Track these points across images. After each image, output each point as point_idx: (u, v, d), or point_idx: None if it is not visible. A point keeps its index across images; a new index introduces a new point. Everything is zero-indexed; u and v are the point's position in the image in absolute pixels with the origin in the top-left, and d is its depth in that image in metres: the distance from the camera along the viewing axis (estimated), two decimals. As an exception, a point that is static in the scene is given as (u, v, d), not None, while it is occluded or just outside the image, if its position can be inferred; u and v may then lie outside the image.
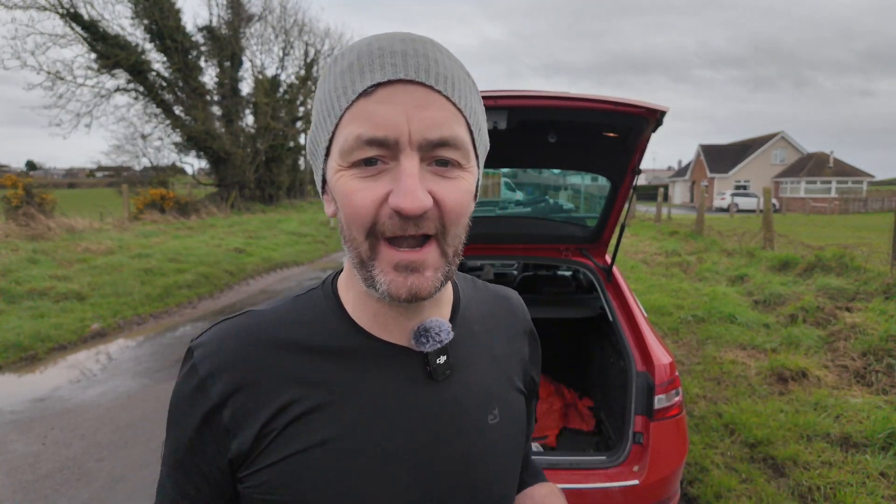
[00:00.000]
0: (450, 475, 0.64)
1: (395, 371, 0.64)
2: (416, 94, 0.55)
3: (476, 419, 0.67)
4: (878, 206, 33.11)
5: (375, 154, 0.55)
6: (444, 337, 0.64)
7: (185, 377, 0.63)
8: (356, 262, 0.59)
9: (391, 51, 0.56)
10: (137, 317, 6.69)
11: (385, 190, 0.55)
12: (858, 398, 3.90)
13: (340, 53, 0.60)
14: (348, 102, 0.56)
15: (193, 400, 0.62)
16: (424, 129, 0.55)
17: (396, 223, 0.55)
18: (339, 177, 0.57)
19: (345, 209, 0.57)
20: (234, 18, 23.58)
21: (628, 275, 9.10)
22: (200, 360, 0.62)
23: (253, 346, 0.63)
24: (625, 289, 2.70)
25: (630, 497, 2.04)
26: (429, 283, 0.57)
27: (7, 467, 3.22)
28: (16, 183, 12.95)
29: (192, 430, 0.62)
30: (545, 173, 3.89)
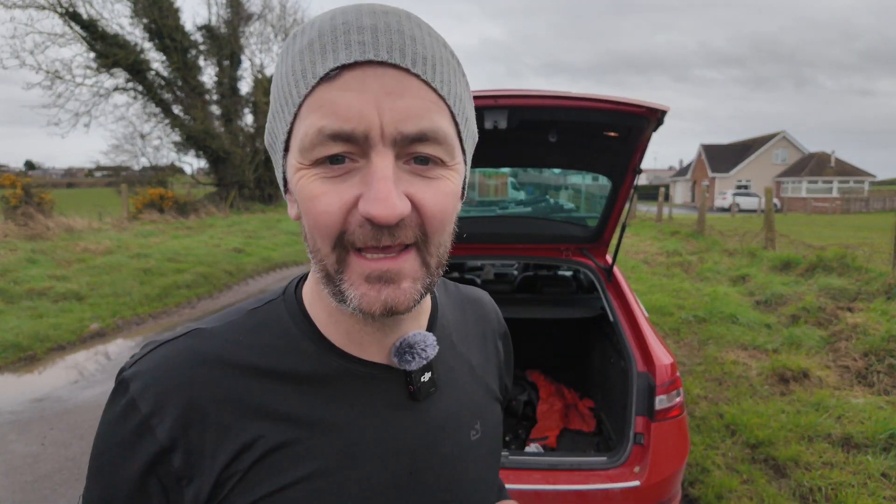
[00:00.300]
0: (435, 501, 0.59)
1: (375, 394, 0.56)
2: (389, 78, 0.46)
3: (459, 438, 0.62)
4: (880, 205, 33.12)
5: (341, 151, 0.46)
6: (430, 352, 0.57)
7: (119, 415, 0.51)
8: (322, 276, 0.51)
9: (358, 26, 0.46)
10: (136, 317, 6.69)
11: (354, 193, 0.47)
12: (860, 399, 3.88)
13: (300, 29, 0.50)
14: (308, 89, 0.46)
15: (134, 444, 0.50)
16: (399, 121, 0.46)
17: (368, 232, 0.47)
18: (299, 177, 0.48)
19: (307, 216, 0.49)
20: (234, 17, 23.57)
21: (629, 275, 9.10)
22: (140, 393, 0.51)
23: (205, 373, 0.52)
24: (626, 289, 2.69)
25: (631, 498, 2.03)
26: (406, 295, 0.49)
27: (6, 467, 3.21)
28: (14, 183, 12.94)
29: (133, 482, 0.50)
30: (546, 173, 3.87)
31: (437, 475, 0.59)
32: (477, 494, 0.63)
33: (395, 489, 0.56)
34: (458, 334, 0.68)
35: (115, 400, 0.53)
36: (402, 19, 0.48)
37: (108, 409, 0.54)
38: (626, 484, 2.03)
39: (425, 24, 0.51)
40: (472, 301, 0.75)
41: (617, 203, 2.72)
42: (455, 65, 0.52)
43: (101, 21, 18.98)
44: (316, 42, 0.47)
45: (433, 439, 0.59)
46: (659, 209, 21.77)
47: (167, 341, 0.55)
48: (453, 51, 0.53)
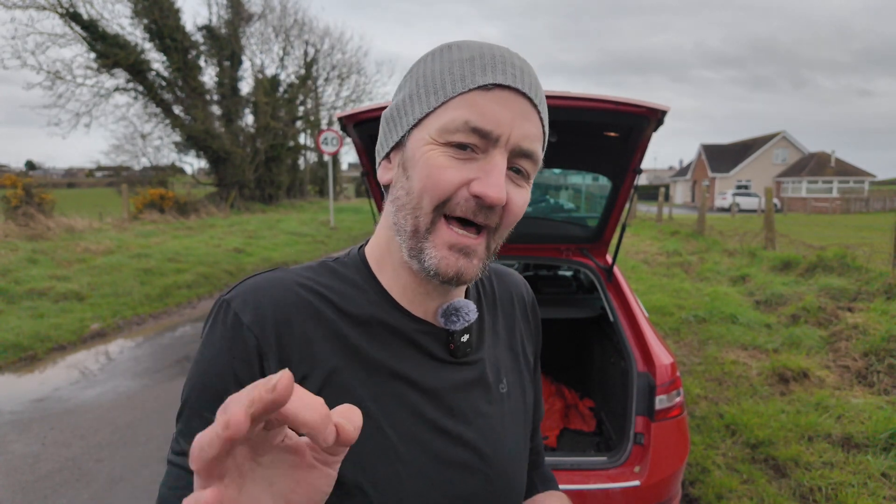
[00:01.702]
0: (471, 442, 0.67)
1: (421, 346, 0.66)
2: (524, 106, 0.60)
3: (490, 389, 0.71)
4: (880, 205, 33.10)
5: (472, 142, 0.59)
6: (472, 317, 0.68)
7: (226, 328, 0.60)
8: (408, 231, 0.62)
9: (511, 62, 0.61)
10: (137, 317, 6.69)
11: (469, 175, 0.59)
12: (860, 399, 3.88)
13: (456, 45, 0.64)
14: (465, 89, 0.59)
15: (243, 351, 0.59)
16: (521, 138, 0.60)
17: (472, 207, 0.59)
18: (428, 149, 0.60)
19: (426, 179, 0.60)
20: (234, 18, 23.57)
21: (629, 275, 9.10)
22: (241, 309, 0.60)
23: (292, 295, 0.62)
24: (626, 289, 2.69)
25: (631, 498, 2.03)
26: (474, 269, 0.62)
27: (6, 468, 3.21)
28: (15, 183, 12.94)
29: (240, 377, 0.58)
30: (546, 173, 3.87)
31: (473, 416, 0.68)
32: (508, 441, 0.71)
33: (438, 424, 0.65)
34: (488, 302, 0.78)
35: (217, 317, 0.62)
36: (532, 69, 0.64)
37: (213, 325, 0.62)
38: (626, 484, 2.03)
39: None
40: (502, 274, 0.85)
41: (617, 203, 2.72)
42: (547, 112, 0.67)
43: (102, 21, 18.98)
44: (477, 59, 0.61)
45: (468, 388, 0.69)
46: (659, 209, 21.77)
47: (257, 274, 0.65)
48: None
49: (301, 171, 30.70)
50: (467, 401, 0.68)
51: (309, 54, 28.50)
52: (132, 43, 19.82)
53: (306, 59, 28.41)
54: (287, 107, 27.13)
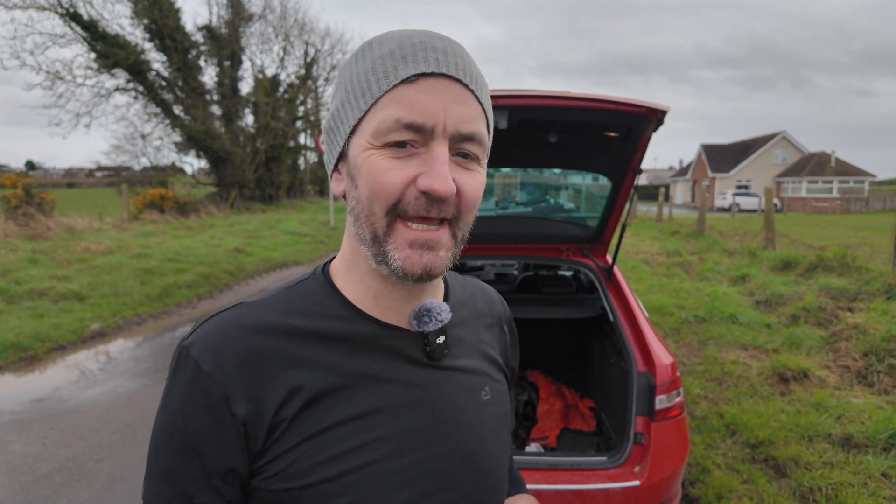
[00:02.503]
0: (454, 450, 0.66)
1: (397, 352, 0.65)
2: (454, 89, 0.59)
3: (472, 395, 0.70)
4: (881, 205, 33.09)
5: (409, 138, 0.58)
6: (445, 317, 0.68)
7: (188, 378, 0.59)
8: (369, 239, 0.61)
9: (432, 46, 0.59)
10: (137, 317, 6.69)
11: (414, 172, 0.58)
12: (860, 399, 3.88)
13: (376, 40, 0.62)
14: (389, 86, 0.58)
15: (204, 398, 0.58)
16: (458, 122, 0.58)
17: (422, 204, 0.58)
18: (368, 154, 0.59)
19: (371, 185, 0.59)
20: (234, 18, 23.57)
21: (629, 275, 9.10)
22: (201, 356, 0.59)
23: (255, 335, 0.61)
24: (626, 289, 2.69)
25: (631, 498, 2.03)
26: (442, 261, 0.60)
27: (6, 467, 3.21)
28: (15, 183, 12.94)
29: (211, 429, 0.58)
30: (546, 173, 3.87)
31: (457, 424, 0.67)
32: (490, 448, 0.71)
33: (423, 432, 0.64)
34: (468, 312, 0.77)
35: (179, 366, 0.61)
36: (460, 48, 0.62)
37: (175, 375, 0.61)
38: (626, 484, 2.03)
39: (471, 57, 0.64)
40: (481, 289, 0.85)
41: (617, 203, 2.72)
42: (488, 88, 0.65)
43: (102, 21, 18.98)
44: (397, 51, 0.59)
45: (450, 393, 0.68)
46: (659, 209, 21.77)
47: (216, 314, 0.64)
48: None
49: (301, 171, 30.71)
50: (451, 405, 0.67)
51: (309, 54, 28.53)
52: (132, 43, 19.83)
53: (306, 59, 28.43)
54: (287, 107, 27.14)
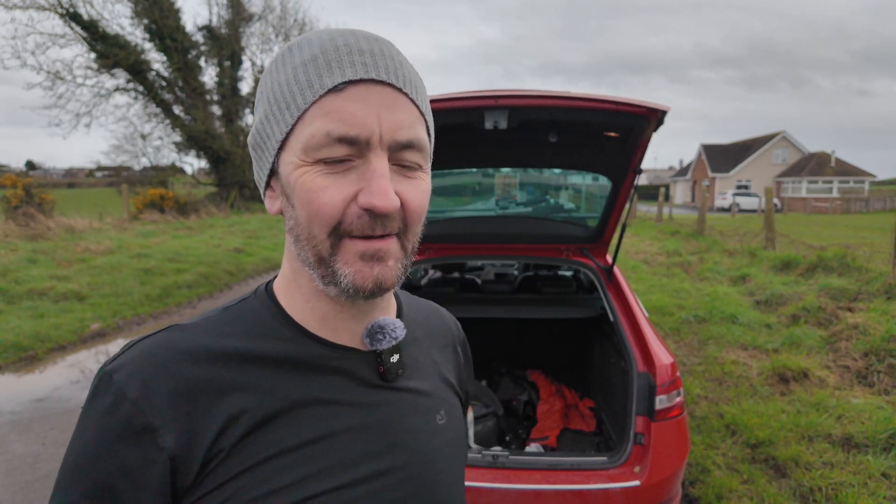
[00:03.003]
0: (409, 479, 0.62)
1: (348, 374, 0.61)
2: (386, 94, 0.55)
3: (428, 419, 0.66)
4: (881, 205, 33.08)
5: (344, 153, 0.53)
6: (399, 334, 0.64)
7: (107, 406, 0.52)
8: (313, 261, 0.57)
9: (359, 49, 0.55)
10: (137, 317, 6.69)
11: (353, 188, 0.54)
12: (860, 399, 3.88)
13: (296, 44, 0.57)
14: (315, 97, 0.53)
15: (125, 430, 0.52)
16: (394, 130, 0.54)
17: (366, 222, 0.54)
18: (301, 173, 0.55)
19: (308, 206, 0.55)
20: (234, 18, 23.58)
21: (629, 275, 9.09)
22: (125, 382, 0.53)
23: (186, 360, 0.55)
24: (626, 289, 2.69)
25: (631, 498, 2.03)
26: (392, 273, 0.57)
27: (7, 468, 3.21)
28: (15, 183, 12.95)
29: (129, 465, 0.51)
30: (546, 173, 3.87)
31: (411, 450, 0.63)
32: (447, 475, 0.67)
33: (374, 459, 0.59)
34: (421, 332, 0.73)
35: (98, 392, 0.54)
36: (389, 47, 0.57)
37: (92, 403, 0.54)
38: (626, 484, 2.03)
39: (402, 53, 0.60)
40: (433, 310, 0.82)
41: (617, 203, 2.72)
42: (423, 85, 0.61)
43: (102, 22, 19.01)
44: (320, 57, 0.54)
45: (404, 416, 0.64)
46: (659, 209, 21.76)
47: (145, 337, 0.58)
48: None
49: (301, 172, 30.63)
50: (404, 429, 0.63)
51: (309, 54, 28.48)
52: (132, 43, 19.85)
53: (306, 59, 28.39)
54: (287, 107, 27.10)
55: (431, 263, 3.35)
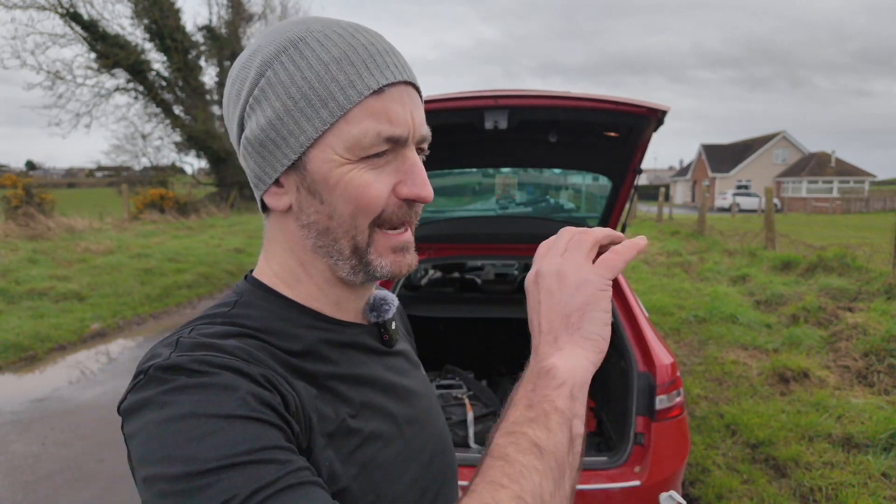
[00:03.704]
0: (426, 426, 0.69)
1: (361, 347, 0.66)
2: (412, 94, 0.60)
3: (417, 376, 0.74)
4: (881, 205, 33.08)
5: (386, 149, 0.57)
6: (395, 302, 0.71)
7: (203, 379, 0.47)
8: (347, 253, 0.59)
9: (382, 49, 0.58)
10: (137, 317, 6.69)
11: (391, 181, 0.58)
12: (860, 399, 3.88)
13: (303, 39, 0.56)
14: (360, 97, 0.55)
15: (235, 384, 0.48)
16: (421, 127, 0.60)
17: (405, 211, 0.60)
18: (346, 170, 0.56)
19: (357, 201, 0.57)
20: (235, 18, 23.58)
21: (629, 275, 9.09)
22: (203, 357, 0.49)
23: (240, 340, 0.54)
24: (626, 289, 2.69)
25: (631, 498, 2.03)
26: (415, 259, 0.64)
27: (7, 467, 3.21)
28: (15, 183, 12.95)
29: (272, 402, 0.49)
30: (546, 173, 3.87)
31: (419, 400, 0.70)
32: (443, 421, 0.76)
33: (402, 414, 0.66)
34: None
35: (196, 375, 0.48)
36: (390, 43, 0.61)
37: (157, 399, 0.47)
38: (626, 484, 2.03)
39: None
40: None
41: (617, 203, 2.72)
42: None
43: (102, 22, 19.02)
44: (353, 56, 0.56)
45: (406, 374, 0.71)
46: (659, 209, 21.76)
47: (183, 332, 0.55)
48: None
49: (301, 171, 30.65)
50: (410, 384, 0.70)
51: (309, 54, 28.50)
52: (132, 43, 19.85)
53: (306, 59, 28.41)
54: (287, 107, 27.11)
55: (431, 263, 3.35)
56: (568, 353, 0.53)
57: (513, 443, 0.47)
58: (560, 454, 0.48)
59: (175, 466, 0.43)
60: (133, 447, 0.47)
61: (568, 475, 0.48)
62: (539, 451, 0.47)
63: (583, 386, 0.52)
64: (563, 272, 0.56)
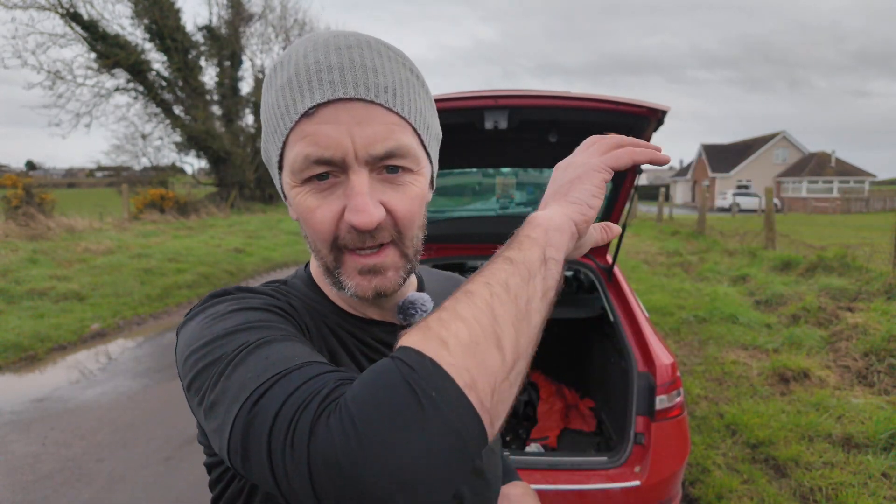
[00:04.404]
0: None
1: (383, 345, 0.68)
2: (357, 110, 0.55)
3: None
4: (881, 205, 33.08)
5: (325, 171, 0.56)
6: (429, 307, 0.69)
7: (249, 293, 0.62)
8: (323, 270, 0.63)
9: (327, 65, 0.55)
10: (137, 317, 6.69)
11: (340, 205, 0.57)
12: (860, 399, 3.88)
13: (279, 63, 0.59)
14: (292, 123, 0.56)
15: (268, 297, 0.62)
16: (368, 145, 0.55)
17: (355, 237, 0.58)
18: (295, 193, 0.58)
19: (307, 225, 0.60)
20: (235, 18, 23.58)
21: (629, 275, 9.09)
22: (249, 287, 0.63)
23: (281, 297, 0.65)
24: (626, 289, 2.69)
25: (631, 498, 2.03)
26: (391, 282, 0.61)
27: (7, 467, 3.21)
28: (15, 183, 12.95)
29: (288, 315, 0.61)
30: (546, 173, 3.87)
31: None
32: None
33: None
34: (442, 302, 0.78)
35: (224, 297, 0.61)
36: (364, 52, 0.56)
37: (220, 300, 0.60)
38: (626, 484, 2.03)
39: (385, 50, 0.59)
40: (451, 279, 0.88)
41: (617, 203, 2.72)
42: (414, 80, 0.60)
43: (102, 22, 19.01)
44: (294, 80, 0.56)
45: None
46: (659, 209, 21.76)
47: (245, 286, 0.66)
48: (413, 65, 0.62)
49: (301, 171, 30.63)
50: None
51: (309, 54, 28.45)
52: (132, 43, 19.85)
53: (306, 59, 28.36)
54: (287, 107, 27.07)
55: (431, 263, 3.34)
56: (550, 210, 0.56)
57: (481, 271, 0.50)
58: (531, 264, 0.49)
59: (200, 341, 0.54)
60: (178, 344, 0.58)
61: (539, 282, 0.49)
62: (510, 262, 0.49)
63: (559, 227, 0.53)
64: (574, 161, 0.61)
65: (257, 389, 0.46)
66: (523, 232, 0.53)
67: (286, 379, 0.46)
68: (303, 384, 0.45)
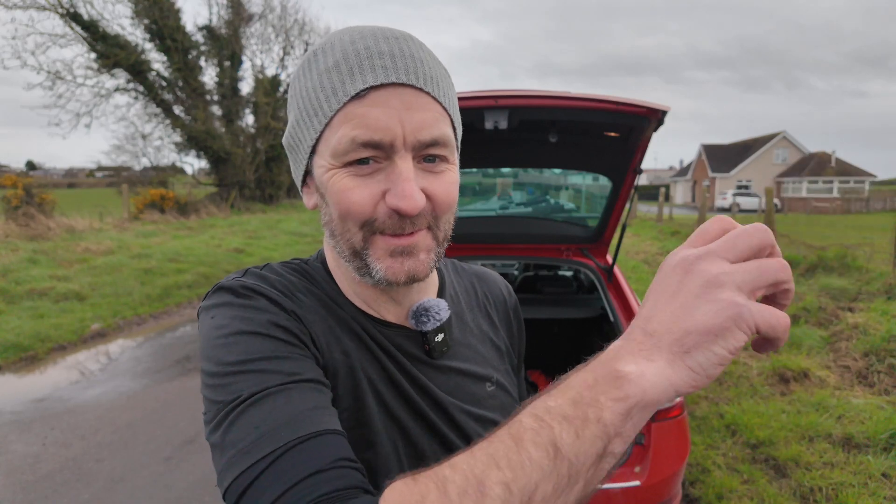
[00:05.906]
0: (454, 445, 0.66)
1: (398, 349, 0.66)
2: (407, 96, 0.56)
3: (474, 390, 0.71)
4: (881, 205, 33.07)
5: (370, 155, 0.56)
6: (444, 315, 0.68)
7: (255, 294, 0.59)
8: (348, 253, 0.61)
9: (378, 51, 0.56)
10: (137, 317, 6.69)
11: (380, 188, 0.57)
12: (860, 399, 3.88)
13: (320, 48, 0.60)
14: (339, 104, 0.56)
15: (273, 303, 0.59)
16: (416, 131, 0.56)
17: (396, 222, 0.57)
18: (331, 175, 0.58)
19: (339, 205, 0.58)
20: (235, 18, 23.57)
21: (630, 275, 9.09)
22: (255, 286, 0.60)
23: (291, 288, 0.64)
24: (626, 289, 2.69)
25: (631, 498, 2.03)
26: (424, 264, 0.60)
27: (7, 467, 3.21)
28: (16, 183, 12.94)
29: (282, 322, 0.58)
30: (546, 173, 3.87)
31: (466, 411, 0.68)
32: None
33: (419, 426, 0.65)
34: (466, 304, 0.78)
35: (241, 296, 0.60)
36: (411, 45, 0.59)
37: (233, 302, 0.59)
38: (626, 484, 2.03)
39: (426, 47, 0.62)
40: (480, 277, 0.85)
41: (617, 203, 2.72)
42: (449, 79, 0.63)
43: (102, 22, 19.01)
44: (342, 64, 0.56)
45: (455, 386, 0.69)
46: (659, 209, 21.76)
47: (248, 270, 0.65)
48: (444, 66, 0.64)
49: (301, 172, 30.60)
50: (457, 393, 0.68)
51: (309, 54, 28.44)
52: (132, 43, 19.85)
53: (306, 59, 28.34)
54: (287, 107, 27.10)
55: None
56: (654, 370, 0.41)
57: (534, 430, 0.41)
58: (578, 464, 0.41)
59: (209, 364, 0.55)
60: (199, 339, 0.60)
61: (580, 488, 0.42)
62: (554, 453, 0.40)
63: (647, 406, 0.41)
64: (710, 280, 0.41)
65: (245, 473, 0.47)
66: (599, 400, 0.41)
67: (275, 468, 0.46)
68: (289, 490, 0.45)
